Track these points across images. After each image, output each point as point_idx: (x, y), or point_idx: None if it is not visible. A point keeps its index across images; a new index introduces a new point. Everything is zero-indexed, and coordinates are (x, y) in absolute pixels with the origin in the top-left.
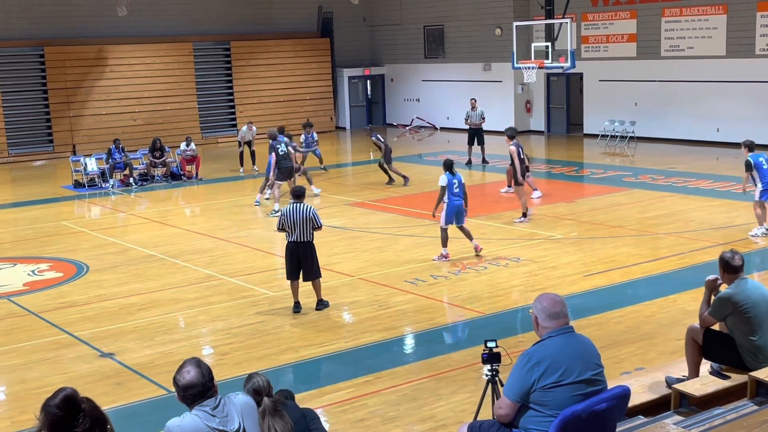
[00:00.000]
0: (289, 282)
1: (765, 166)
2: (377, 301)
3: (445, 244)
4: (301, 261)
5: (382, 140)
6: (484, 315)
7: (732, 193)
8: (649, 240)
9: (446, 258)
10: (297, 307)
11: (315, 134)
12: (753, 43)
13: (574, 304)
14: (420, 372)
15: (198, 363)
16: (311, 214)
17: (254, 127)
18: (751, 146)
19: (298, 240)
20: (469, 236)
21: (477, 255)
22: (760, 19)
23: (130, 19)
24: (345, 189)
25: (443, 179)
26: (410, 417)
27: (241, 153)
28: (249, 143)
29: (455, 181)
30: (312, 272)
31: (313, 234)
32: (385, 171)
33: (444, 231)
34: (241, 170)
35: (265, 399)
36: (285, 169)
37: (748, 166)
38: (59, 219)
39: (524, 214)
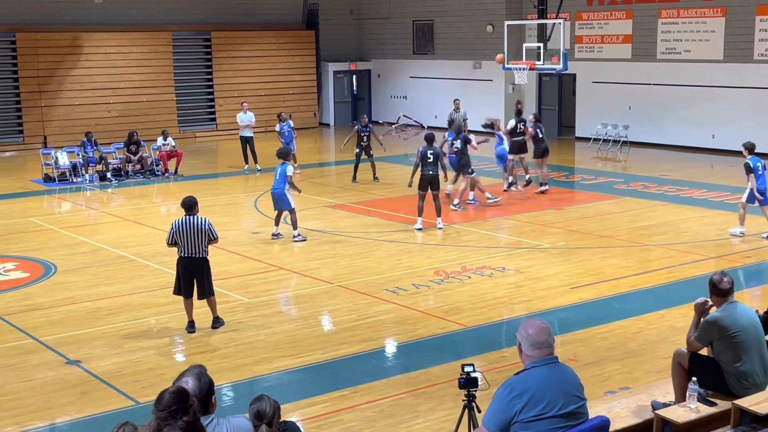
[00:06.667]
0: (182, 299)
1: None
2: (356, 310)
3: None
4: (195, 278)
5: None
6: (466, 327)
7: (726, 203)
8: (638, 251)
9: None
10: (191, 327)
11: (291, 122)
12: (752, 48)
13: (559, 317)
14: (398, 387)
15: (200, 375)
16: (206, 227)
17: (250, 113)
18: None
19: (193, 255)
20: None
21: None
22: (759, 23)
23: (106, 6)
24: (326, 190)
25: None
26: None
27: (244, 147)
28: (249, 139)
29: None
30: (206, 290)
31: (207, 248)
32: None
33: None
34: (246, 167)
35: (263, 427)
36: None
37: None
38: (27, 215)
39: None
